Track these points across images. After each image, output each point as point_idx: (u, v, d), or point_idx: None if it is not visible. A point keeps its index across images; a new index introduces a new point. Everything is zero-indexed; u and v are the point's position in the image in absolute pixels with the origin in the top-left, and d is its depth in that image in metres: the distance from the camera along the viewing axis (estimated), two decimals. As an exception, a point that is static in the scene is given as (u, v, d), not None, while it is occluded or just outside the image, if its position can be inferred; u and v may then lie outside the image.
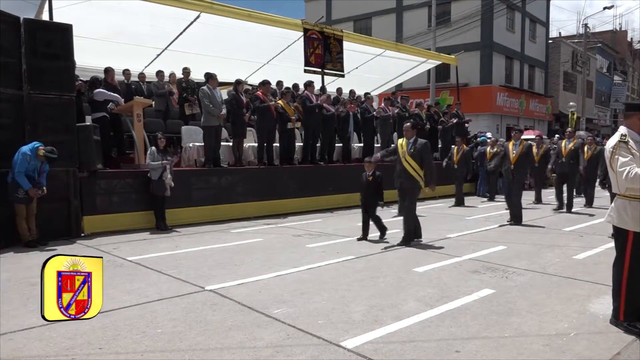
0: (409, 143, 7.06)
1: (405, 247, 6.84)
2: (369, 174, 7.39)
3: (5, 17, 7.08)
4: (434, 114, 14.66)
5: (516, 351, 3.36)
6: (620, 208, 3.68)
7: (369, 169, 7.39)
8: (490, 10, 28.74)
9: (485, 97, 29.16)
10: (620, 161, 3.54)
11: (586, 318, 4.00)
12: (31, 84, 7.28)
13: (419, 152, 6.97)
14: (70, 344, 3.44)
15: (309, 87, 11.48)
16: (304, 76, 12.13)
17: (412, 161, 6.96)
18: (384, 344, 3.45)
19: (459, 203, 12.12)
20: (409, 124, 7.32)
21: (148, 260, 6.05)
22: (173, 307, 4.28)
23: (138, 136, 9.03)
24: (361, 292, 4.68)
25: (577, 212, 10.76)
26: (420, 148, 6.98)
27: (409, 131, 7.11)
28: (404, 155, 7.05)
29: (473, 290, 4.73)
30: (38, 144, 6.86)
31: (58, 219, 7.55)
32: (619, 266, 3.74)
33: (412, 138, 7.08)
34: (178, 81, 11.67)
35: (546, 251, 6.59)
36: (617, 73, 50.02)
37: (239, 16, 10.58)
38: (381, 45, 14.51)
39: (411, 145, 7.03)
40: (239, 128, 10.17)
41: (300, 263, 5.89)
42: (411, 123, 7.42)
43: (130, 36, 10.99)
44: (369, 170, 7.39)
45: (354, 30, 26.82)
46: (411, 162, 6.96)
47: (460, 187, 12.32)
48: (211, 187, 9.56)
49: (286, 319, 3.95)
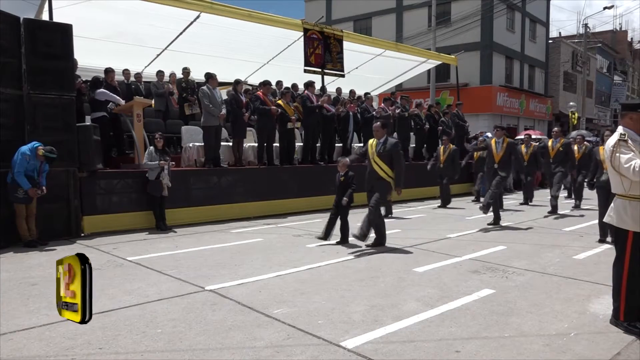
0: (379, 143, 6.77)
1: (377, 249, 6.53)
2: (341, 174, 7.13)
3: (5, 17, 7.08)
4: (434, 114, 14.66)
5: (516, 351, 3.36)
6: (620, 208, 3.69)
7: (342, 169, 7.15)
8: (490, 10, 28.74)
9: (485, 97, 29.17)
10: (624, 158, 3.56)
11: (586, 318, 4.00)
12: (31, 84, 7.28)
13: (389, 153, 6.66)
14: (70, 344, 3.44)
15: (309, 87, 11.48)
16: (304, 76, 12.12)
17: (382, 162, 6.68)
18: (384, 344, 3.45)
19: (445, 204, 11.72)
20: (379, 123, 6.98)
21: (148, 260, 6.05)
22: (173, 307, 4.28)
23: (138, 136, 9.03)
24: (361, 292, 4.68)
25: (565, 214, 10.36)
26: (390, 148, 6.67)
27: (378, 131, 6.80)
28: (373, 156, 6.78)
29: (473, 290, 4.73)
30: (37, 144, 6.86)
31: (58, 219, 7.55)
32: (619, 266, 3.74)
33: (382, 138, 6.77)
34: (178, 81, 11.67)
35: (546, 251, 6.59)
36: (617, 73, 50.03)
37: (239, 16, 10.58)
38: (381, 45, 14.51)
39: (381, 145, 6.74)
40: (239, 128, 10.17)
41: (300, 263, 5.89)
42: (381, 122, 7.04)
43: (130, 36, 10.99)
44: (342, 170, 7.14)
45: (354, 30, 26.82)
46: (380, 163, 6.69)
47: (447, 188, 11.82)
48: (211, 187, 9.56)
49: (286, 319, 3.95)
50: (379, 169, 6.71)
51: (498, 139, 8.86)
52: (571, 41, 40.62)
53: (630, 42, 57.13)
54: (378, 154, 6.71)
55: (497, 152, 8.77)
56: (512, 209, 11.32)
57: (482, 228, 8.45)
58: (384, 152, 6.67)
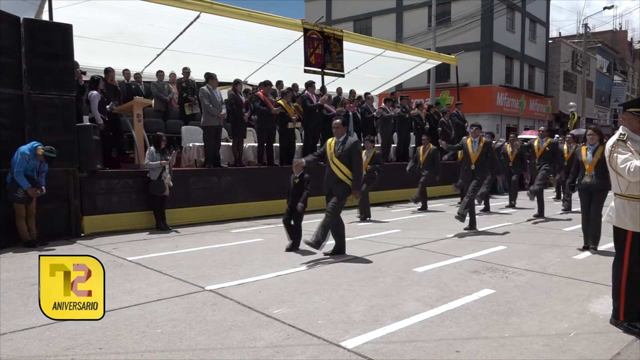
0: (338, 142, 6.21)
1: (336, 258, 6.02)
2: (295, 176, 6.70)
3: (5, 17, 7.08)
4: (434, 114, 14.66)
5: (516, 351, 3.36)
6: (619, 208, 3.69)
7: (296, 170, 6.71)
8: (490, 10, 28.74)
9: (485, 97, 29.16)
10: (620, 158, 3.56)
11: (586, 318, 4.00)
12: (31, 84, 7.28)
13: (348, 153, 6.09)
14: (70, 344, 3.44)
15: (309, 87, 11.48)
16: (304, 76, 12.12)
17: (340, 163, 6.11)
18: (384, 344, 3.45)
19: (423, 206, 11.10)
20: (339, 120, 6.40)
21: (148, 260, 6.05)
22: (173, 307, 4.28)
23: (138, 136, 9.03)
24: (361, 292, 4.68)
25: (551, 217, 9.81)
26: (349, 148, 6.10)
27: (338, 128, 6.24)
28: (331, 156, 6.21)
29: (473, 290, 4.73)
30: (37, 144, 6.86)
31: (58, 219, 7.55)
32: (618, 266, 3.74)
33: (342, 137, 6.22)
34: (178, 81, 11.67)
35: (546, 251, 6.59)
36: (617, 73, 50.01)
37: (239, 16, 10.58)
38: (381, 45, 14.51)
39: (340, 144, 6.18)
40: (239, 128, 10.17)
41: (300, 263, 5.89)
42: (341, 119, 6.47)
43: (130, 36, 10.98)
44: (296, 172, 6.70)
45: (354, 30, 26.83)
46: (339, 165, 6.12)
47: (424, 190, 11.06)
48: (211, 187, 9.56)
49: (286, 319, 3.94)
50: (337, 170, 6.14)
51: (474, 138, 8.27)
52: (571, 41, 40.62)
53: (630, 42, 57.11)
54: (337, 154, 6.15)
55: (473, 152, 8.20)
56: (498, 212, 10.84)
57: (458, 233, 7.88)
58: (343, 153, 6.11)
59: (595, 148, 6.41)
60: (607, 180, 6.07)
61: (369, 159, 9.64)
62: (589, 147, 6.53)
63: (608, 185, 6.15)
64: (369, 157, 9.66)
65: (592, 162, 6.39)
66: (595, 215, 6.41)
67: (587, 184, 6.46)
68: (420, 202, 11.15)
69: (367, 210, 9.76)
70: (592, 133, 6.53)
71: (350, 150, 6.09)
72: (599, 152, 6.23)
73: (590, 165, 6.41)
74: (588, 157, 6.47)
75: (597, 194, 6.46)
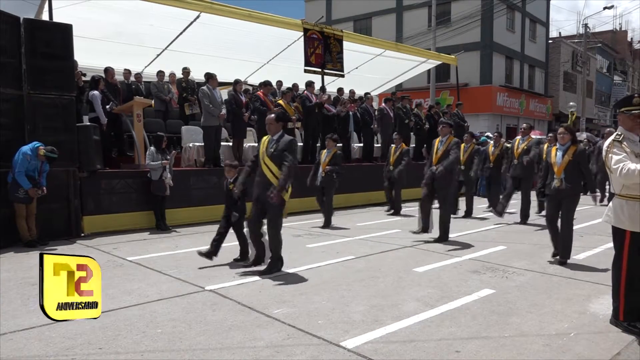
0: (272, 141, 5.40)
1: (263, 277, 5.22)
2: (230, 180, 6.00)
3: (5, 17, 7.08)
4: (434, 114, 14.66)
5: (516, 351, 3.36)
6: (617, 208, 3.69)
7: (230, 174, 6.04)
8: (490, 10, 28.74)
9: (485, 97, 29.17)
10: (614, 159, 3.57)
11: (586, 318, 4.00)
12: (31, 84, 7.28)
13: (282, 152, 5.29)
14: (70, 344, 3.44)
15: (309, 87, 11.49)
16: (304, 76, 12.13)
17: (273, 164, 5.27)
18: (384, 344, 3.45)
19: (396, 211, 10.28)
20: (273, 115, 5.65)
21: (148, 260, 6.05)
22: (173, 307, 4.28)
23: (138, 136, 9.03)
24: (361, 292, 4.68)
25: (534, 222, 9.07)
26: (283, 147, 5.31)
27: (272, 124, 5.46)
28: (263, 156, 5.37)
29: (473, 290, 4.73)
30: (38, 144, 6.87)
31: (58, 219, 7.55)
32: (618, 266, 3.74)
33: (277, 134, 5.43)
34: (178, 81, 11.68)
35: (546, 251, 6.58)
36: (617, 73, 50.02)
37: (239, 16, 10.57)
38: (381, 45, 14.50)
39: (273, 143, 5.37)
40: (239, 128, 10.17)
41: (300, 263, 5.89)
42: (275, 114, 5.73)
43: (130, 36, 10.98)
44: (231, 176, 6.02)
45: (354, 30, 26.83)
46: (271, 166, 5.28)
47: (399, 192, 10.32)
48: (211, 187, 9.54)
49: (286, 319, 3.95)
50: (269, 172, 5.30)
51: (443, 137, 7.30)
52: (571, 41, 40.62)
53: (630, 42, 57.12)
54: (269, 154, 5.32)
55: (437, 152, 7.23)
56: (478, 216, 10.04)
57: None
58: (276, 152, 5.29)
59: (566, 148, 5.74)
60: (579, 185, 5.76)
61: (329, 159, 8.76)
62: (559, 148, 5.82)
63: (579, 190, 5.78)
64: (329, 157, 8.78)
65: (562, 164, 5.69)
66: (566, 225, 5.78)
67: (555, 189, 5.72)
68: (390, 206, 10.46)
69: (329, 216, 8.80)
70: (564, 132, 5.81)
71: (284, 151, 5.30)
72: (571, 153, 5.66)
73: (560, 167, 5.70)
74: (557, 158, 5.76)
75: (567, 201, 5.72)
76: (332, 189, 8.81)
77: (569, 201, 5.74)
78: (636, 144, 3.63)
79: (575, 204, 5.83)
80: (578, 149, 5.76)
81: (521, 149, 9.03)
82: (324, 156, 8.93)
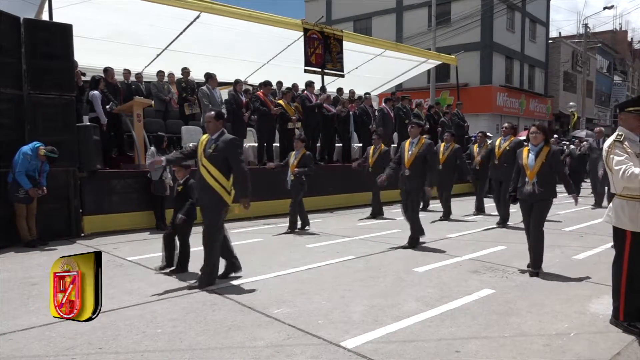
0: (210, 140, 4.94)
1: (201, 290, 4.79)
2: (179, 182, 5.59)
3: (5, 17, 7.09)
4: (434, 114, 14.66)
5: (516, 351, 3.36)
6: (617, 208, 3.69)
7: (180, 175, 5.59)
8: (490, 10, 28.75)
9: (485, 97, 29.18)
10: (616, 160, 3.56)
11: (586, 318, 4.00)
12: (31, 84, 7.28)
13: (222, 153, 4.84)
14: (70, 344, 3.44)
15: (309, 87, 11.49)
16: (304, 76, 12.13)
17: (211, 165, 4.85)
18: (384, 344, 3.45)
19: (376, 214, 9.80)
20: (212, 113, 5.10)
21: (148, 260, 6.05)
22: (173, 307, 4.28)
23: (138, 136, 9.04)
24: (361, 292, 4.68)
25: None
26: (223, 147, 4.84)
27: (210, 122, 4.98)
28: (200, 157, 4.96)
29: (473, 290, 4.73)
30: (39, 144, 6.87)
31: (58, 219, 7.55)
32: (618, 266, 3.74)
33: (216, 133, 4.95)
34: (178, 81, 11.67)
35: (546, 251, 6.52)
36: (617, 73, 50.03)
37: (239, 16, 10.58)
38: (381, 45, 14.50)
39: (212, 142, 4.90)
40: (239, 128, 10.17)
41: (300, 263, 5.89)
42: (215, 112, 5.12)
43: (130, 36, 10.98)
44: (180, 177, 5.59)
45: (354, 30, 26.82)
46: (209, 167, 4.86)
47: (377, 195, 9.84)
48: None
49: (286, 319, 3.95)
50: (207, 174, 4.88)
51: (413, 138, 6.85)
52: (571, 41, 40.64)
53: (630, 42, 57.12)
54: (207, 154, 4.89)
55: (408, 155, 6.77)
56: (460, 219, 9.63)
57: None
58: (215, 153, 4.85)
59: (539, 149, 5.28)
60: (551, 189, 5.31)
61: (297, 161, 8.23)
62: (531, 149, 5.35)
63: (551, 194, 5.32)
64: (297, 159, 8.24)
65: (535, 166, 5.22)
66: (535, 231, 5.31)
67: (527, 193, 5.26)
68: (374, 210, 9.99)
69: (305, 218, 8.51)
70: (536, 131, 5.32)
71: (224, 151, 4.85)
72: (543, 155, 5.21)
73: (532, 171, 5.23)
74: (530, 160, 5.28)
75: (538, 205, 5.26)
76: (300, 192, 8.34)
77: (540, 205, 5.27)
78: (637, 144, 3.63)
79: (547, 210, 5.35)
80: (551, 150, 5.31)
81: (503, 149, 8.55)
82: (292, 158, 8.33)
